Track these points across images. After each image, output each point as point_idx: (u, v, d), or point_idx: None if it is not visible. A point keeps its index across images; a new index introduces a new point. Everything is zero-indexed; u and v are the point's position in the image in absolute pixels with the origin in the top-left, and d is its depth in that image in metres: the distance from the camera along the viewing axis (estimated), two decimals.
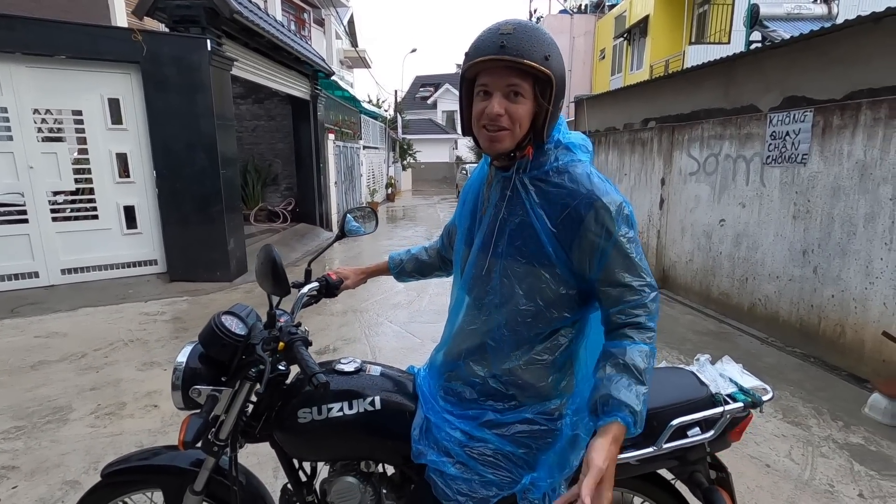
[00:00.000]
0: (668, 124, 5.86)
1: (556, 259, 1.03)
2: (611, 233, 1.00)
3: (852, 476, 2.46)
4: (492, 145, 1.03)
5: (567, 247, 1.02)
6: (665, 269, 5.99)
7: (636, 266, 1.02)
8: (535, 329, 1.08)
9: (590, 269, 1.03)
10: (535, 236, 1.04)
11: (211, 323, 1.19)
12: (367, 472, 1.31)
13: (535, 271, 1.05)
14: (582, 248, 1.02)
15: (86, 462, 2.52)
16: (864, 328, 3.50)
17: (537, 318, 1.07)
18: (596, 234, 1.00)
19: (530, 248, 1.04)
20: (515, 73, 0.98)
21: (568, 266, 1.04)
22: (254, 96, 10.40)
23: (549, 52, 0.98)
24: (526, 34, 0.97)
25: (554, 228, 1.02)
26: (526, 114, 1.01)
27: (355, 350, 4.06)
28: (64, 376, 3.50)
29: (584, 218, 1.00)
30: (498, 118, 0.99)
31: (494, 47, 0.97)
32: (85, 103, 5.35)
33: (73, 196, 5.59)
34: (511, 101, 0.99)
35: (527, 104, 1.00)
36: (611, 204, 1.00)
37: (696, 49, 13.43)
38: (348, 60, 22.12)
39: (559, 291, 1.05)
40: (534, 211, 1.04)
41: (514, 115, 1.00)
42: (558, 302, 1.06)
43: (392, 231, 10.88)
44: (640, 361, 0.99)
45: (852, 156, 3.59)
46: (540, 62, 0.96)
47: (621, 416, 0.95)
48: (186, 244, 5.93)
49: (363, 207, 1.69)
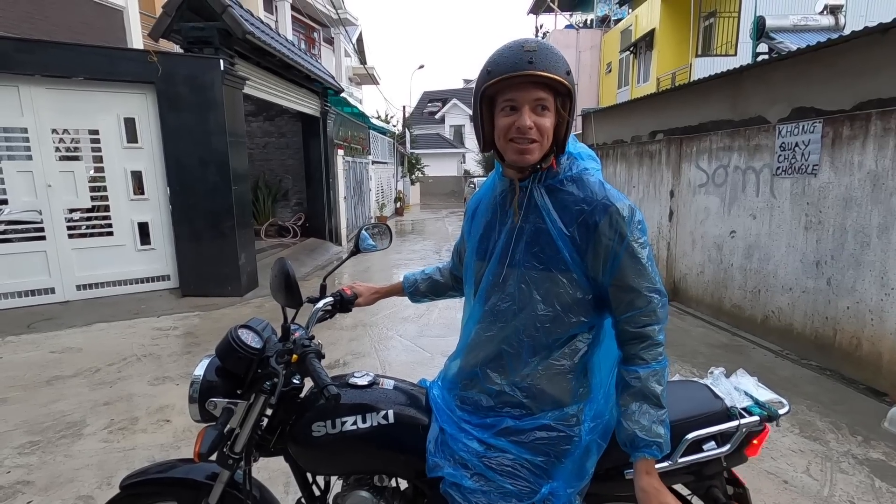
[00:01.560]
0: (675, 136, 5.86)
1: (572, 264, 1.08)
2: (623, 237, 1.04)
3: (874, 492, 2.40)
4: (522, 157, 1.07)
5: (582, 251, 1.07)
6: (676, 281, 5.95)
7: (646, 272, 1.06)
8: (553, 335, 1.11)
9: (603, 272, 1.07)
10: (551, 242, 1.08)
11: (228, 336, 1.21)
12: (381, 487, 1.31)
13: (553, 276, 1.09)
14: (596, 253, 1.06)
15: (99, 477, 2.54)
16: (882, 340, 3.44)
17: (555, 322, 1.10)
18: (610, 238, 1.05)
19: (547, 253, 1.09)
20: (541, 87, 1.04)
21: (583, 270, 1.08)
22: (265, 114, 10.58)
23: (568, 68, 1.05)
24: (549, 51, 1.04)
25: (569, 234, 1.07)
26: (552, 126, 1.07)
27: (365, 364, 4.06)
28: (78, 391, 3.54)
29: (599, 223, 1.05)
30: (528, 131, 1.05)
31: (523, 63, 1.01)
32: (101, 123, 5.49)
33: (89, 213, 5.71)
34: (538, 114, 1.05)
35: (552, 117, 1.06)
36: (624, 210, 1.05)
37: (703, 61, 13.47)
38: (357, 77, 22.47)
39: (576, 296, 1.09)
40: (550, 217, 1.09)
41: (542, 128, 1.05)
42: (575, 306, 1.10)
43: (401, 245, 10.92)
44: (655, 386, 1.06)
45: (863, 166, 3.57)
46: (563, 76, 1.03)
47: (649, 452, 1.05)
48: (198, 259, 6.00)
49: (378, 224, 1.72)
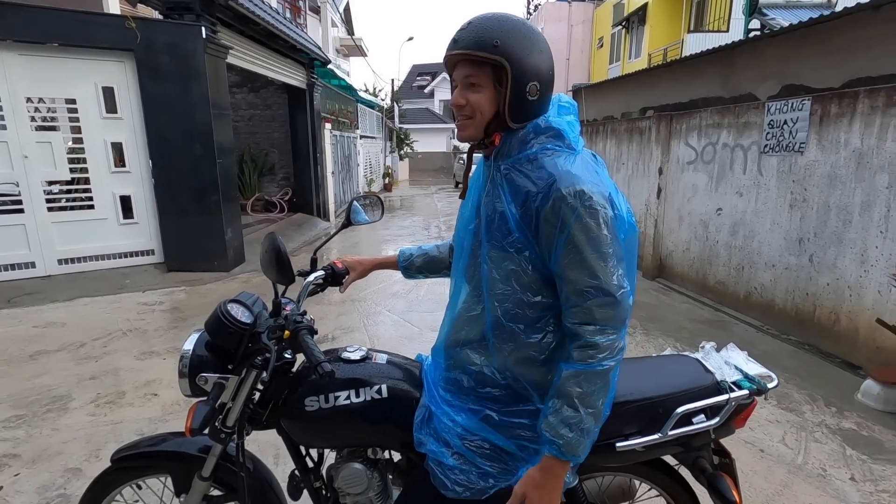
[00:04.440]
0: (665, 113, 5.85)
1: (526, 244, 1.04)
2: (566, 225, 0.97)
3: (844, 460, 2.50)
4: (459, 133, 1.10)
5: (534, 234, 1.02)
6: (662, 257, 6.02)
7: (587, 265, 0.97)
8: (520, 318, 1.08)
9: (549, 259, 1.02)
10: (505, 223, 1.05)
11: (217, 311, 1.19)
12: (374, 459, 1.33)
13: (509, 256, 1.06)
14: (541, 238, 1.01)
15: (87, 450, 2.54)
16: (859, 315, 3.54)
17: (518, 303, 1.07)
18: (552, 225, 0.98)
19: (503, 232, 1.06)
20: (471, 64, 1.03)
21: (536, 252, 1.04)
22: (249, 85, 10.30)
23: (499, 39, 0.99)
24: (480, 26, 1.02)
25: (519, 215, 1.03)
26: (485, 102, 1.04)
27: (354, 339, 4.08)
28: (63, 366, 3.51)
29: (542, 208, 0.99)
30: (459, 108, 1.07)
31: (451, 43, 1.04)
32: (79, 92, 5.29)
33: (69, 186, 5.55)
34: (471, 91, 1.05)
35: (485, 92, 1.04)
36: (570, 195, 0.96)
37: (695, 37, 13.37)
38: (344, 49, 21.89)
39: (534, 276, 1.05)
40: (505, 198, 1.06)
41: (474, 104, 1.05)
42: (534, 286, 1.06)
43: (390, 221, 10.86)
44: (573, 388, 0.99)
45: (849, 144, 3.60)
46: (488, 51, 1.00)
47: (548, 449, 1.02)
48: (183, 234, 5.90)
49: (369, 195, 1.68)
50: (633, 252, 1.05)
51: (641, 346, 3.94)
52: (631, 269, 1.04)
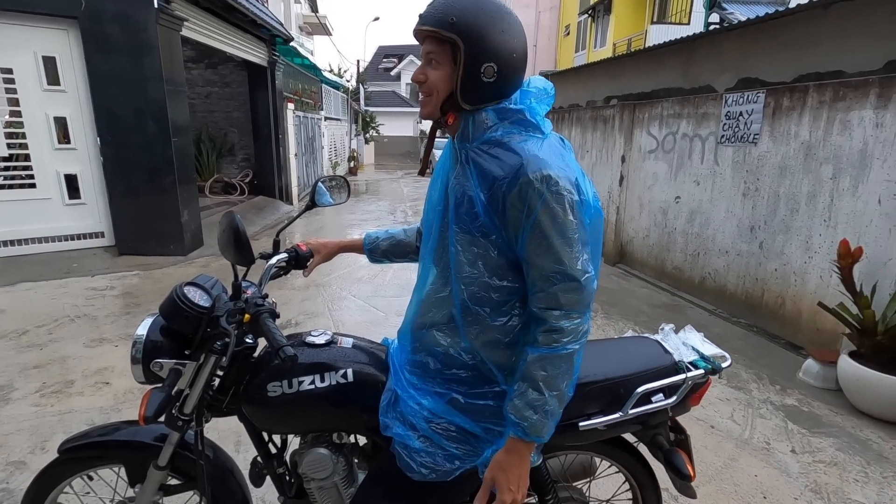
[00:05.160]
0: (629, 102, 5.96)
1: (492, 228, 1.03)
2: (532, 210, 0.96)
3: (786, 434, 2.67)
4: (420, 110, 1.10)
5: (500, 218, 1.01)
6: (623, 244, 6.20)
7: (553, 250, 0.97)
8: (486, 302, 1.07)
9: (515, 244, 1.01)
10: (472, 206, 1.04)
11: (173, 294, 1.14)
12: (339, 443, 1.31)
13: (475, 240, 1.05)
14: (507, 223, 1.00)
15: (32, 442, 2.41)
16: (802, 299, 3.76)
17: (483, 286, 1.07)
18: (519, 210, 0.97)
19: (470, 215, 1.04)
20: (434, 41, 1.02)
21: (503, 237, 1.03)
22: (206, 60, 9.82)
23: (456, 16, 0.97)
24: (444, 2, 1.00)
25: (485, 199, 1.02)
26: (441, 79, 1.03)
27: (318, 324, 4.02)
28: (3, 354, 3.30)
29: (508, 194, 0.98)
30: (419, 85, 1.06)
31: (419, 17, 1.03)
32: (16, 61, 4.91)
33: (6, 163, 5.17)
34: (431, 67, 1.04)
35: (443, 70, 1.02)
36: (537, 180, 0.95)
37: (658, 28, 13.66)
38: (308, 26, 21.15)
39: (500, 260, 1.05)
40: (472, 181, 1.04)
41: (432, 82, 1.04)
42: (499, 269, 1.05)
43: (355, 206, 10.69)
44: (538, 371, 1.00)
45: (799, 136, 3.78)
46: (444, 27, 0.98)
47: (514, 430, 1.03)
48: (136, 216, 5.62)
49: (335, 176, 1.62)
50: (598, 237, 1.05)
51: (602, 329, 4.05)
52: (596, 254, 1.04)
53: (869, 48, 3.36)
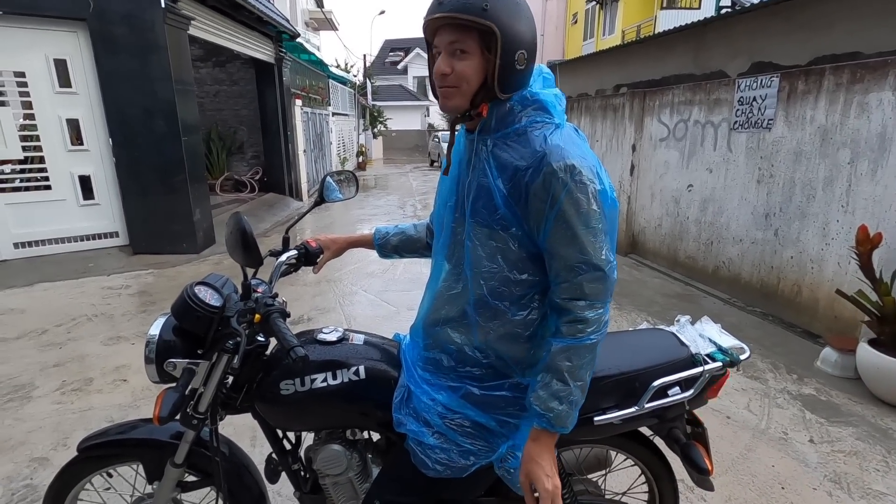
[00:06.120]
0: (639, 90, 5.87)
1: (513, 221, 1.02)
2: (556, 200, 0.96)
3: (804, 424, 2.64)
4: (444, 103, 1.03)
5: (522, 210, 1.00)
6: (635, 234, 6.13)
7: (578, 240, 0.97)
8: (505, 296, 1.07)
9: (538, 235, 1.01)
10: (491, 199, 1.02)
11: (183, 294, 1.14)
12: (353, 440, 1.31)
13: (495, 233, 1.03)
14: (530, 213, 0.99)
15: (54, 438, 2.46)
16: (819, 287, 3.69)
17: (503, 281, 1.06)
18: (542, 200, 0.97)
19: (489, 209, 1.03)
20: (457, 29, 0.96)
21: (525, 229, 1.02)
22: (214, 59, 9.86)
23: (488, 3, 0.93)
24: None
25: (506, 192, 1.01)
26: (473, 70, 0.98)
27: (330, 319, 4.04)
28: (24, 353, 3.37)
29: (532, 184, 0.97)
30: (444, 77, 0.99)
31: (435, 5, 0.96)
32: (28, 64, 4.97)
33: (22, 165, 5.25)
34: (457, 58, 0.98)
35: (473, 60, 0.97)
36: (561, 170, 0.95)
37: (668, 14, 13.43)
38: (314, 22, 21.10)
39: (521, 253, 1.04)
40: (491, 173, 1.02)
41: (460, 73, 0.98)
42: (520, 263, 1.04)
43: (364, 200, 10.71)
44: (563, 362, 1.00)
45: (815, 121, 3.69)
46: (477, 14, 0.92)
47: (538, 422, 1.03)
48: (149, 215, 5.69)
49: (343, 171, 1.62)
50: (614, 226, 1.05)
51: (615, 321, 4.02)
52: (612, 244, 1.04)
53: (887, 27, 3.26)
